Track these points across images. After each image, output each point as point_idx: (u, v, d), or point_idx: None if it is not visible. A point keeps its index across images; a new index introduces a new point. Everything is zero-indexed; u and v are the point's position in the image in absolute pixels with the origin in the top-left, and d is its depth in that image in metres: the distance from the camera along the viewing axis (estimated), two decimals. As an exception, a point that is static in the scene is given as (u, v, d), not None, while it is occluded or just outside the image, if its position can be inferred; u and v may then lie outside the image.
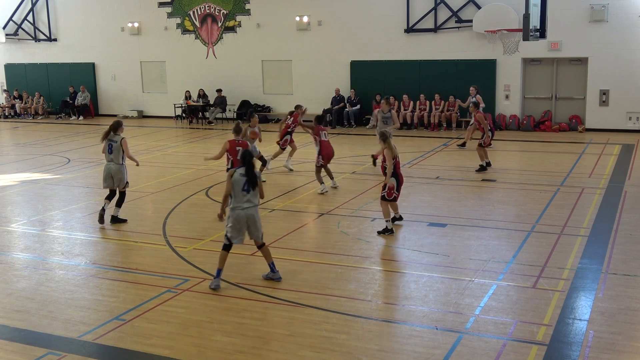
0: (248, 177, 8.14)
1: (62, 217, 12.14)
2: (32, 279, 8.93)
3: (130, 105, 28.64)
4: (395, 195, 10.48)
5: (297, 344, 6.78)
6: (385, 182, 10.35)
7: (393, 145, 10.43)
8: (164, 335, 7.10)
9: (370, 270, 9.01)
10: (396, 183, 10.41)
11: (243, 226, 8.26)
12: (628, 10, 20.30)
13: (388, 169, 10.30)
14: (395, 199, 10.55)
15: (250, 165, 8.20)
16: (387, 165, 10.31)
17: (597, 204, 12.07)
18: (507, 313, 7.45)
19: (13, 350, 6.83)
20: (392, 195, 10.42)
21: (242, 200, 8.16)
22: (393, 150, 10.36)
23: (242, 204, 8.16)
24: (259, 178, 8.29)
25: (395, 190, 10.43)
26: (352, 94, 23.81)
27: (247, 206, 8.18)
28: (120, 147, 11.11)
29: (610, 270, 8.69)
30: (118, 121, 11.43)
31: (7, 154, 20.03)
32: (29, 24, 29.74)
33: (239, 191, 8.15)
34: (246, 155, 8.32)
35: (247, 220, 8.23)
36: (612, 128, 20.88)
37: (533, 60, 21.91)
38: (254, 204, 8.25)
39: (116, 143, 11.12)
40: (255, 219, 8.28)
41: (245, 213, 8.18)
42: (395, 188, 10.40)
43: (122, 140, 11.15)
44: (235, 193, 8.17)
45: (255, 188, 8.20)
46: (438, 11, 22.66)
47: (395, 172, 10.44)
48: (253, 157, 8.41)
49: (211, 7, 26.39)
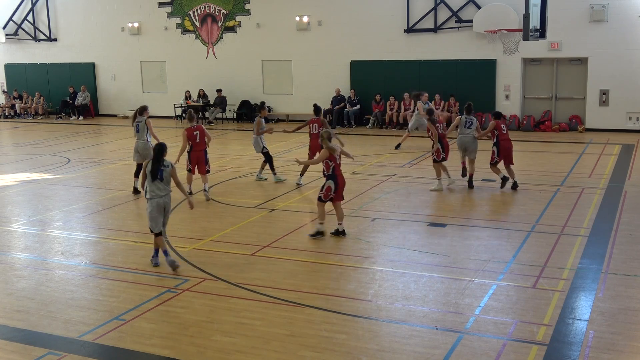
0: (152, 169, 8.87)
1: (62, 217, 12.14)
2: (32, 279, 8.93)
3: (130, 105, 28.58)
4: (331, 197, 10.24)
5: (297, 344, 6.78)
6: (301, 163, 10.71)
7: (334, 146, 10.18)
8: (164, 335, 7.10)
9: (370, 270, 9.01)
10: (334, 185, 10.19)
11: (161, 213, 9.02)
12: (628, 10, 20.31)
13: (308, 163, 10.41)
14: (332, 200, 10.30)
15: (158, 156, 8.91)
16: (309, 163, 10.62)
17: (597, 204, 12.07)
18: (507, 313, 7.45)
19: (13, 350, 6.83)
20: (328, 196, 10.20)
21: (159, 188, 8.93)
22: (331, 151, 10.11)
23: (160, 192, 8.94)
24: (169, 167, 8.98)
25: (333, 192, 10.20)
26: (352, 94, 23.81)
27: (163, 194, 8.96)
28: (145, 126, 13.21)
29: (610, 270, 8.69)
30: (144, 105, 13.68)
31: (7, 154, 20.03)
32: (29, 24, 29.74)
33: (150, 181, 8.93)
34: (156, 148, 9.03)
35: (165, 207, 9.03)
36: (612, 128, 20.88)
37: (533, 60, 21.92)
38: (166, 192, 9.02)
39: (141, 123, 13.22)
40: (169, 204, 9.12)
41: (163, 201, 8.97)
42: (333, 190, 10.18)
43: (147, 120, 13.31)
44: (149, 182, 8.96)
45: (163, 179, 8.93)
46: (438, 11, 22.66)
47: (334, 174, 10.23)
48: (164, 150, 9.01)
49: (211, 7, 26.39)
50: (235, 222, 11.42)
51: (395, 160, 16.93)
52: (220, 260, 9.49)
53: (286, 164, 16.19)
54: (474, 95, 21.90)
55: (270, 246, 10.03)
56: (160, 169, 8.93)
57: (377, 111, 23.45)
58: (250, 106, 25.90)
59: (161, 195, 8.95)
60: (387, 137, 21.28)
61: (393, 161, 16.77)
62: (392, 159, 17.14)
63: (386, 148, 18.95)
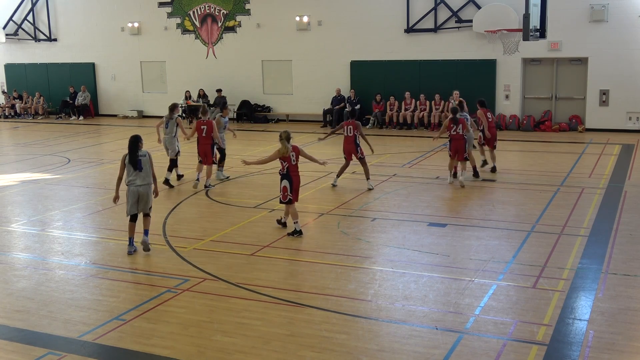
0: (130, 160, 9.47)
1: (62, 217, 12.14)
2: (32, 279, 8.93)
3: (130, 105, 28.65)
4: (290, 198, 10.27)
5: (297, 344, 6.78)
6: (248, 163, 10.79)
7: (287, 146, 10.18)
8: (164, 335, 7.10)
9: (370, 270, 9.01)
10: (289, 185, 10.23)
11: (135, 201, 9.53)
12: (628, 10, 20.30)
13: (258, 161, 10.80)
14: (290, 202, 10.32)
15: (133, 147, 9.45)
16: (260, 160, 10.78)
17: (597, 204, 12.07)
18: (507, 313, 7.45)
19: (13, 350, 6.83)
20: (286, 197, 10.27)
21: (139, 177, 9.49)
22: (282, 152, 10.15)
23: (137, 181, 9.49)
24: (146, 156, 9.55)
25: (290, 192, 10.23)
26: (352, 94, 23.81)
27: (140, 183, 9.48)
28: (175, 124, 14.49)
29: (610, 270, 8.69)
30: (174, 103, 14.99)
31: (7, 154, 20.03)
32: (29, 24, 29.74)
33: (131, 170, 9.50)
34: (130, 139, 9.54)
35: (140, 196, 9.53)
36: (612, 128, 20.87)
37: (533, 60, 21.91)
38: (145, 182, 9.53)
39: (172, 120, 14.48)
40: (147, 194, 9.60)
41: (138, 190, 9.48)
42: (289, 190, 10.23)
43: (177, 117, 14.59)
44: (129, 172, 9.51)
45: (142, 169, 9.49)
46: (438, 11, 22.66)
47: (289, 174, 10.26)
48: (138, 141, 9.53)
49: (211, 7, 26.38)
50: (235, 222, 11.42)
51: (395, 160, 16.94)
52: (220, 260, 9.49)
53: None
54: (474, 95, 21.79)
55: (270, 246, 10.03)
56: (138, 159, 9.46)
57: (377, 111, 23.44)
58: (251, 106, 25.90)
59: (138, 184, 9.45)
60: (387, 137, 21.28)
61: (393, 161, 16.77)
62: (392, 159, 17.14)
63: (386, 148, 18.96)
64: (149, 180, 9.57)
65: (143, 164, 9.48)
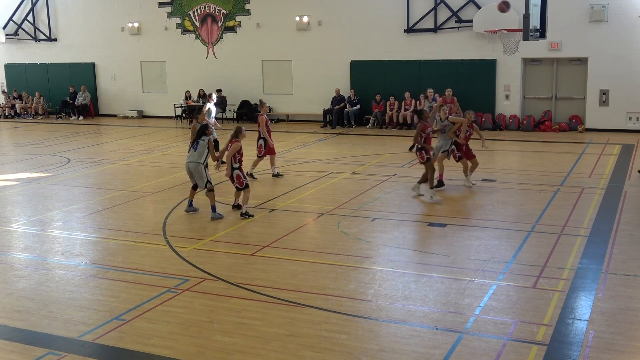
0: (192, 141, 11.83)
1: (62, 217, 12.14)
2: (32, 279, 8.93)
3: (130, 105, 28.65)
4: (246, 183, 11.65)
5: (297, 344, 6.78)
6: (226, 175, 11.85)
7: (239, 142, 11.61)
8: (164, 335, 7.10)
9: (370, 270, 9.01)
10: (242, 173, 11.65)
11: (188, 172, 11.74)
12: (628, 10, 20.31)
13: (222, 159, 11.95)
14: (247, 186, 11.66)
15: (199, 134, 11.66)
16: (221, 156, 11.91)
17: (597, 204, 12.07)
18: (507, 313, 7.45)
19: (13, 350, 6.83)
20: (243, 183, 11.60)
21: (190, 156, 11.61)
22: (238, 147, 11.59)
23: (190, 158, 11.61)
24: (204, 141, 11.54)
25: (244, 178, 11.63)
26: (352, 94, 23.81)
27: (189, 160, 11.58)
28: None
29: (610, 270, 8.69)
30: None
31: (7, 154, 20.03)
32: (29, 24, 29.75)
33: (189, 149, 11.71)
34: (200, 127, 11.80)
35: (190, 170, 11.59)
36: (612, 128, 20.88)
37: (533, 60, 21.92)
38: (194, 160, 11.53)
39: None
40: (196, 170, 11.52)
41: (188, 166, 11.62)
42: (242, 177, 11.61)
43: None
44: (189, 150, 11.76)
45: (197, 149, 11.53)
46: (438, 11, 22.66)
47: (240, 165, 11.66)
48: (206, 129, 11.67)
49: (211, 7, 26.39)
50: (235, 222, 11.42)
51: (395, 160, 16.94)
52: (220, 260, 9.49)
53: (287, 163, 16.21)
54: (474, 96, 21.97)
55: (270, 246, 10.03)
56: (198, 141, 11.56)
57: (377, 111, 23.45)
58: (251, 106, 25.91)
59: (188, 160, 11.62)
60: (387, 137, 21.29)
61: (393, 161, 16.77)
62: (392, 159, 17.14)
63: (386, 148, 18.95)
64: (197, 159, 11.46)
65: (200, 146, 11.47)
